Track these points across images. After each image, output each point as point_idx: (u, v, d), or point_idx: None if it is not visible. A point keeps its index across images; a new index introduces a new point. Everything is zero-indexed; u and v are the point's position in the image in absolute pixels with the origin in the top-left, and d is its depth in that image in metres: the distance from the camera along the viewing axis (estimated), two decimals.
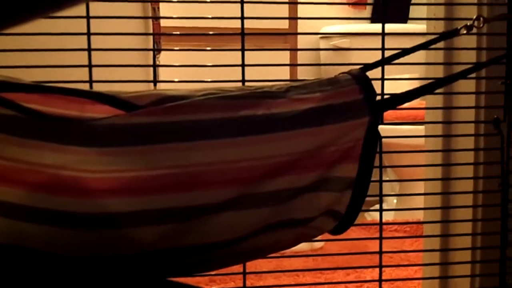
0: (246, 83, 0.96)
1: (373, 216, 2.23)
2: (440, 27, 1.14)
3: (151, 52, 1.52)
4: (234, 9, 0.98)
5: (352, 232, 0.89)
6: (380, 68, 0.93)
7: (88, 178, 0.64)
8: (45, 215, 0.63)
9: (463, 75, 0.80)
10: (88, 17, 0.88)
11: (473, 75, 1.03)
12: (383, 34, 0.98)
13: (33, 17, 0.41)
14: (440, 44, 1.08)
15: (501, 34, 1.06)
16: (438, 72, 1.17)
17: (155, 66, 1.14)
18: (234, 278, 1.56)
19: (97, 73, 0.91)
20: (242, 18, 0.94)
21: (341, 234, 0.79)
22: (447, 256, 1.20)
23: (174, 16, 1.00)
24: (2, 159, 0.63)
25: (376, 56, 0.93)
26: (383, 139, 0.93)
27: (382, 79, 0.98)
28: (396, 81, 1.12)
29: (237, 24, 0.95)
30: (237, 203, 0.68)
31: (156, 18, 1.72)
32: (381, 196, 1.05)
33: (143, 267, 0.69)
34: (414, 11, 2.79)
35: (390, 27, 1.02)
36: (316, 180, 0.72)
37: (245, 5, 0.95)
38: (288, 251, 0.91)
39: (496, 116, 1.04)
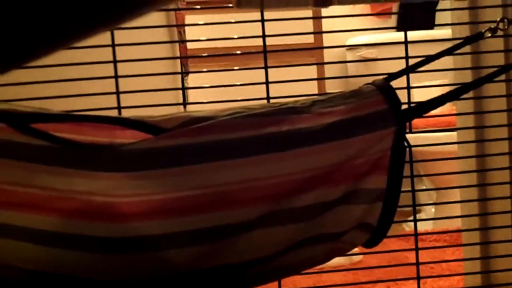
0: (273, 100, 0.97)
1: (412, 227, 2.19)
2: (465, 31, 1.13)
3: (179, 76, 1.54)
4: (259, 27, 0.99)
5: (391, 244, 0.87)
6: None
7: (119, 202, 0.65)
8: (80, 241, 0.64)
9: (490, 78, 0.79)
10: (113, 45, 0.90)
11: (503, 77, 1.01)
12: (406, 42, 0.97)
13: (58, 48, 0.42)
14: (467, 49, 1.07)
15: None
16: (467, 77, 1.15)
17: (183, 88, 1.15)
18: None
19: (127, 100, 0.93)
20: (264, 36, 0.95)
21: (374, 247, 0.78)
22: (489, 264, 1.17)
23: (200, 38, 1.01)
24: (35, 188, 0.65)
25: (405, 64, 0.92)
26: (418, 148, 0.91)
27: (408, 87, 0.97)
28: (427, 88, 1.11)
29: (262, 42, 0.96)
30: (267, 220, 0.68)
31: (181, 41, 1.75)
32: (414, 206, 1.04)
33: None
34: (440, 17, 2.76)
35: (415, 34, 1.01)
36: (345, 193, 0.71)
37: (271, 22, 0.96)
38: (326, 266, 0.90)
39: None
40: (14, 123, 0.66)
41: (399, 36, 1.03)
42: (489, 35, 0.89)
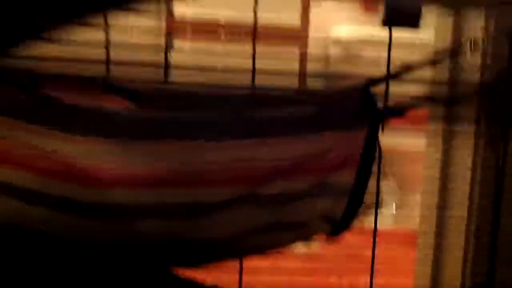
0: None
1: (372, 222, 2.22)
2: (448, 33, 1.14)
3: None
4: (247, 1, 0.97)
5: (350, 238, 0.90)
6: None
7: (97, 168, 0.66)
8: (51, 200, 0.65)
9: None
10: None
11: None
12: (389, 47, 0.98)
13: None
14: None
15: None
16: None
17: (166, 66, 1.14)
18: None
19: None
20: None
21: (336, 238, 0.81)
22: (439, 264, 1.21)
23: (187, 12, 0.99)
24: (14, 143, 0.65)
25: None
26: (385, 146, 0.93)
27: (386, 94, 0.98)
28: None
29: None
30: (240, 202, 0.71)
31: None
32: (377, 204, 1.06)
33: (144, 257, 0.72)
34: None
35: (399, 35, 1.01)
36: (314, 185, 0.74)
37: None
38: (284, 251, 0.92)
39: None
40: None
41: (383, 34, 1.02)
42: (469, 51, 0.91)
